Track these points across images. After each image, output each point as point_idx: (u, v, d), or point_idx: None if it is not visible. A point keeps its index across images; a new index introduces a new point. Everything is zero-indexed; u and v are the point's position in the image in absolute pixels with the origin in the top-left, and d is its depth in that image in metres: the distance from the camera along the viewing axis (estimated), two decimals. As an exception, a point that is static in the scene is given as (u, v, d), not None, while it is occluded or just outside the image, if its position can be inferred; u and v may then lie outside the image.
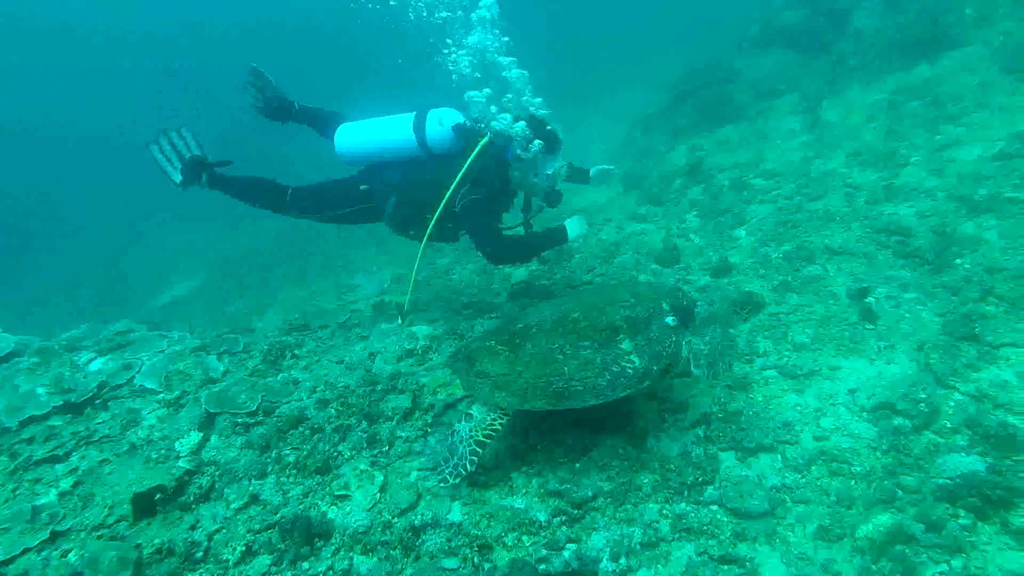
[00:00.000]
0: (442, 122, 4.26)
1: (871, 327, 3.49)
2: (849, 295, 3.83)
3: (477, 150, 4.12)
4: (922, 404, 2.76)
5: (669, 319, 2.85)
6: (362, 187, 4.48)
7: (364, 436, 3.30)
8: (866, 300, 3.67)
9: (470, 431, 2.81)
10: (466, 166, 4.10)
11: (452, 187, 4.10)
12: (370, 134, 4.41)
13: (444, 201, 4.11)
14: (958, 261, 3.93)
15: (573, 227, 4.33)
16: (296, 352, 4.57)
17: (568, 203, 4.98)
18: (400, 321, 4.62)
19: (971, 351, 3.10)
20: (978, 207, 4.42)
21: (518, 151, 4.20)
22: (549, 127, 4.31)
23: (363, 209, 4.53)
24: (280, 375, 4.14)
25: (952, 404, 2.79)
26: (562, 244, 4.40)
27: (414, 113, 4.32)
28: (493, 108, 4.30)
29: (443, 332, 4.53)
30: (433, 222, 4.17)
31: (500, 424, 2.79)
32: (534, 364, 2.77)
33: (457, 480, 2.78)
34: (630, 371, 2.67)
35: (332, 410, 3.55)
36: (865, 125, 6.87)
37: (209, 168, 4.55)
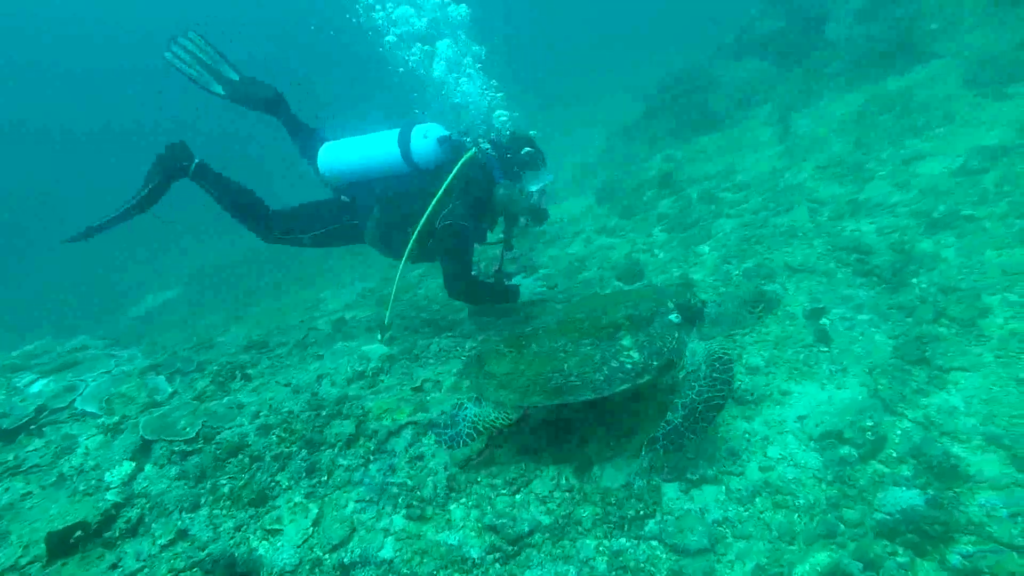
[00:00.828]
0: (427, 135, 4.26)
1: (825, 350, 3.43)
2: (805, 315, 3.78)
3: (462, 161, 4.15)
4: (869, 433, 2.70)
5: (672, 316, 2.86)
6: (344, 199, 4.46)
7: (304, 465, 3.18)
8: (821, 321, 3.62)
9: (475, 416, 2.87)
10: (451, 177, 4.10)
11: (437, 197, 4.10)
12: (355, 151, 4.39)
13: (428, 211, 4.10)
14: (914, 280, 3.89)
15: (526, 293, 4.56)
16: (248, 372, 4.45)
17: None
18: (380, 337, 4.58)
19: (921, 375, 3.04)
20: (937, 224, 4.39)
21: (499, 169, 4.25)
22: (531, 144, 4.33)
23: (346, 226, 4.49)
24: (226, 398, 4.01)
25: (899, 432, 2.73)
26: (513, 303, 4.58)
27: (399, 128, 4.32)
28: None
29: (399, 351, 4.43)
30: (415, 235, 4.15)
31: (502, 424, 2.82)
32: (536, 363, 2.81)
33: (447, 451, 2.94)
34: (628, 366, 2.67)
35: (274, 436, 3.43)
36: (834, 137, 6.87)
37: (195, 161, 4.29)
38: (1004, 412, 2.71)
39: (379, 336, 4.59)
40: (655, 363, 2.69)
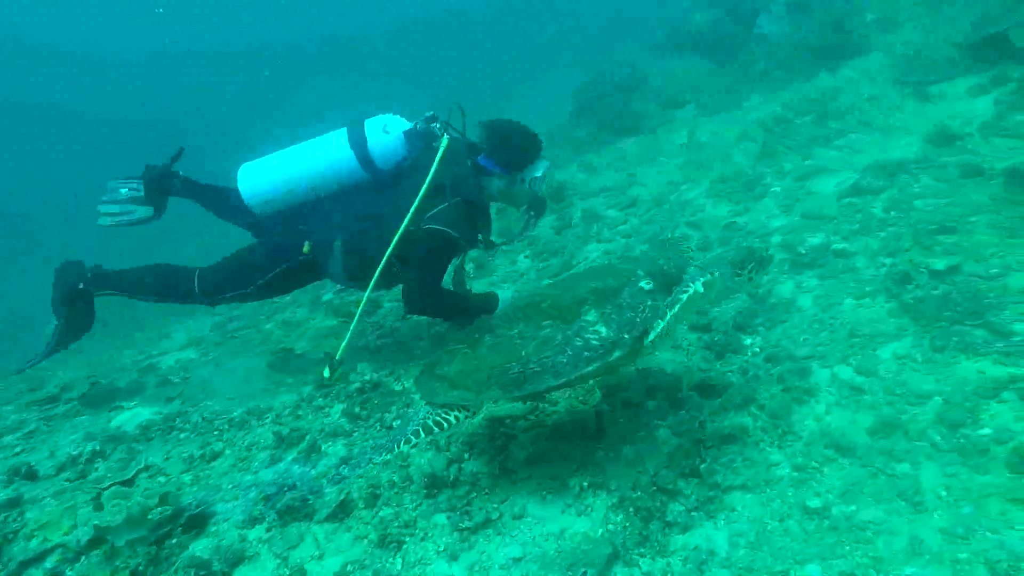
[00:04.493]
0: (387, 129, 3.47)
1: (593, 451, 2.62)
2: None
3: (440, 154, 3.30)
4: (571, 600, 1.91)
5: (643, 283, 2.47)
6: (301, 227, 3.62)
7: None
8: (602, 406, 2.81)
9: (425, 415, 2.41)
10: (432, 172, 3.25)
11: (420, 195, 3.23)
12: (291, 165, 3.53)
13: (411, 212, 3.24)
14: (749, 342, 3.10)
15: (505, 301, 3.67)
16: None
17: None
18: (327, 377, 3.45)
19: (691, 497, 2.25)
20: (803, 260, 3.60)
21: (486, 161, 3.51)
22: (521, 128, 3.58)
23: (300, 265, 3.65)
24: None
25: (614, 600, 1.94)
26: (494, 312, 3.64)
27: (345, 127, 3.51)
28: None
29: (165, 416, 3.72)
30: (392, 247, 3.25)
31: (456, 417, 2.40)
32: (492, 355, 2.47)
33: (388, 457, 2.52)
34: (595, 343, 2.30)
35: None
36: (743, 145, 6.04)
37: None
38: (767, 566, 1.91)
39: (325, 375, 3.46)
40: (627, 336, 2.29)
